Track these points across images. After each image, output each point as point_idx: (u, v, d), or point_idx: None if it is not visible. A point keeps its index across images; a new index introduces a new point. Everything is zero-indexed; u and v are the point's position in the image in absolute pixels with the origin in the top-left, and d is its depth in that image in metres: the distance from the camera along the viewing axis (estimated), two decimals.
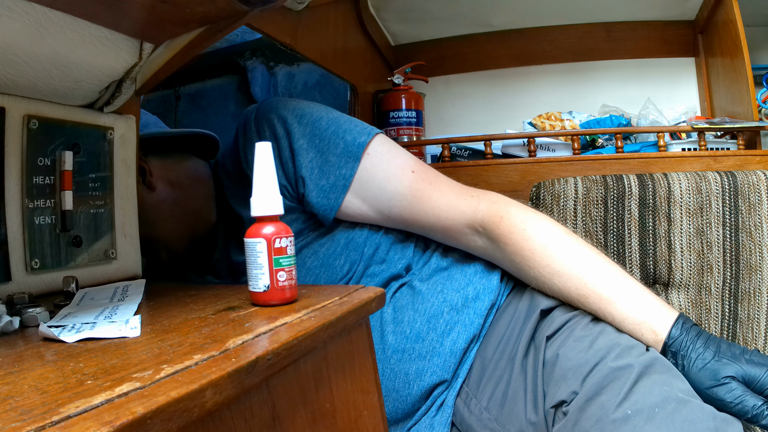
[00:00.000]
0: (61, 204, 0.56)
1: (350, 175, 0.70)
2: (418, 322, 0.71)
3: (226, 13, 0.52)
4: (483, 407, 0.65)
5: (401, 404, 0.69)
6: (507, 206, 0.69)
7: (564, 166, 1.25)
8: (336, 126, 0.72)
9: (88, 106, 0.62)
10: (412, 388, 0.68)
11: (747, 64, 1.21)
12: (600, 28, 1.58)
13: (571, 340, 0.60)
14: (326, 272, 0.73)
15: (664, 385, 0.53)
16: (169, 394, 0.25)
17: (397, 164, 0.73)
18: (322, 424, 0.40)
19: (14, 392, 0.26)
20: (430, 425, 0.68)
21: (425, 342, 0.69)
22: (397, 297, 0.74)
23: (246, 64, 1.73)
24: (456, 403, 0.68)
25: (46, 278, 0.55)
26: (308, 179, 0.70)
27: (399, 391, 0.69)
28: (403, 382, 0.69)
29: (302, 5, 1.01)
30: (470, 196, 0.72)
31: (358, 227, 0.75)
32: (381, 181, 0.71)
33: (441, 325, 0.70)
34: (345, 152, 0.71)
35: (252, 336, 0.35)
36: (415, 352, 0.69)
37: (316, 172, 0.70)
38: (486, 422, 0.64)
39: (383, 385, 0.68)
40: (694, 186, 1.06)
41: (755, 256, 1.03)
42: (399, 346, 0.70)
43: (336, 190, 0.70)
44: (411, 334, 0.70)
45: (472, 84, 1.68)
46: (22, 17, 0.47)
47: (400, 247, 0.77)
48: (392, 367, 0.69)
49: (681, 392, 0.53)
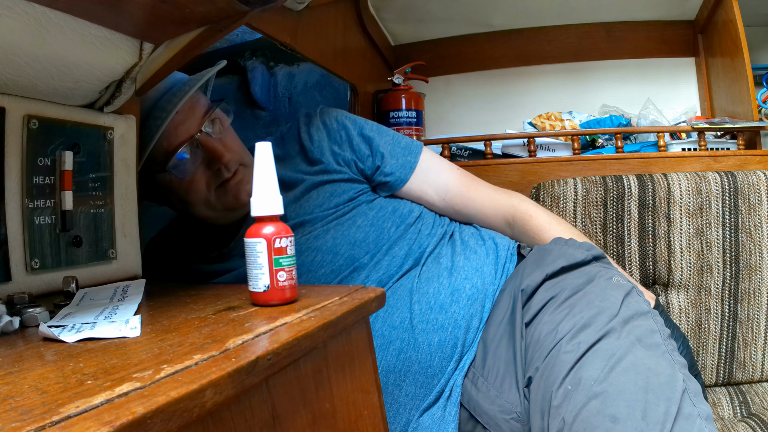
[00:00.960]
0: (61, 204, 0.56)
1: (415, 162, 0.90)
2: (443, 294, 0.77)
3: (226, 13, 0.52)
4: (490, 384, 0.70)
5: (422, 376, 0.72)
6: (534, 207, 0.91)
7: (564, 166, 1.25)
8: (393, 132, 0.93)
9: (88, 106, 0.62)
10: (434, 359, 0.73)
11: (747, 64, 1.21)
12: (600, 28, 1.58)
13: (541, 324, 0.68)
14: (375, 231, 0.84)
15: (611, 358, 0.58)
16: (169, 394, 0.25)
17: (445, 164, 0.94)
18: (322, 424, 0.40)
19: (14, 392, 0.26)
20: (444, 407, 0.71)
21: (448, 314, 0.75)
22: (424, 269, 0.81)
23: (246, 64, 1.73)
24: (464, 383, 0.72)
25: (46, 278, 0.55)
26: (387, 155, 0.89)
27: (422, 362, 0.73)
28: (426, 353, 0.73)
29: (302, 5, 1.01)
30: (503, 192, 0.93)
31: (403, 201, 0.91)
32: (438, 171, 0.92)
33: (463, 299, 0.76)
34: (407, 147, 0.91)
35: (252, 336, 0.35)
36: (438, 323, 0.74)
37: (389, 151, 0.89)
38: (494, 399, 0.68)
39: (407, 357, 0.73)
40: (694, 186, 1.06)
41: (755, 257, 1.03)
42: (424, 316, 0.75)
43: (405, 168, 0.90)
44: (435, 305, 0.76)
45: (472, 84, 1.68)
46: (22, 17, 0.47)
47: (432, 224, 0.89)
48: (416, 338, 0.74)
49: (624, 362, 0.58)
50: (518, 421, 0.66)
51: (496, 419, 0.67)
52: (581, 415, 0.53)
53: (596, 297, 0.68)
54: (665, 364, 0.58)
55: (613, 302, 0.66)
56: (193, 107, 0.77)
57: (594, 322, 0.63)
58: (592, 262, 0.76)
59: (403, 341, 0.73)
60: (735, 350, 1.03)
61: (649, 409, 0.52)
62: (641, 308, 0.67)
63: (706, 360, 1.04)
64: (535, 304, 0.71)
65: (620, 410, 0.52)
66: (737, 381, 1.04)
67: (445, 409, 0.70)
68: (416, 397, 0.72)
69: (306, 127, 0.88)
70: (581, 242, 0.80)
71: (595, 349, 0.59)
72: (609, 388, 0.55)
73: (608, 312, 0.64)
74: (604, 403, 0.53)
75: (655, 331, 0.63)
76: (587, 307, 0.66)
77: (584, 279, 0.71)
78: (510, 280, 0.79)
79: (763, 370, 1.02)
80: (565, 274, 0.73)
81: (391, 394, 0.72)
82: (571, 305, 0.67)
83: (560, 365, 0.59)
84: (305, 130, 0.88)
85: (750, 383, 1.04)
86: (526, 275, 0.75)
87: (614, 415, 0.52)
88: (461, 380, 0.72)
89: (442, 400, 0.71)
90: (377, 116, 1.51)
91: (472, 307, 0.76)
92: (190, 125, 0.76)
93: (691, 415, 0.53)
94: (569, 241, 0.80)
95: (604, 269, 0.75)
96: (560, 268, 0.73)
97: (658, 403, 0.53)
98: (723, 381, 1.04)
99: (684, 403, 0.53)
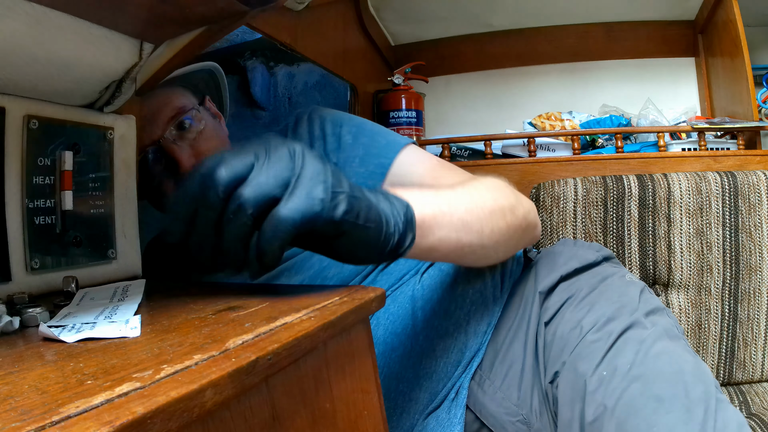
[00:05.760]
0: (61, 204, 0.56)
1: (388, 164, 0.78)
2: (446, 299, 0.75)
3: (226, 13, 0.52)
4: (497, 387, 0.69)
5: (426, 381, 0.71)
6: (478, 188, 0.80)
7: (564, 166, 1.25)
8: (378, 128, 0.83)
9: (88, 106, 0.62)
10: (439, 365, 0.72)
11: (747, 64, 1.21)
12: (600, 28, 1.58)
13: (563, 322, 0.67)
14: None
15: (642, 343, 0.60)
16: (169, 394, 0.25)
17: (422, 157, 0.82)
18: (322, 424, 0.40)
19: (14, 392, 0.26)
20: (449, 409, 0.71)
21: (452, 319, 0.74)
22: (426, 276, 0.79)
23: (246, 64, 1.73)
24: (470, 386, 0.72)
25: (46, 278, 0.55)
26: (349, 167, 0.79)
27: (426, 368, 0.72)
28: (430, 359, 0.72)
29: (302, 5, 1.01)
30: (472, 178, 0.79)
31: None
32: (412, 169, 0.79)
33: (467, 304, 0.75)
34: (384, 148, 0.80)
35: (252, 336, 0.35)
36: (442, 329, 0.73)
37: (357, 161, 0.79)
38: (500, 401, 0.68)
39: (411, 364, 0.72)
40: (694, 186, 1.06)
41: (755, 257, 1.03)
42: (428, 322, 0.74)
43: (374, 177, 0.78)
44: (440, 311, 0.74)
45: (472, 84, 1.68)
46: (22, 17, 0.47)
47: None
48: (420, 344, 0.73)
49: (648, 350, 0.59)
50: (524, 423, 0.66)
51: (502, 421, 0.67)
52: (623, 399, 0.54)
53: (614, 293, 0.70)
54: (689, 355, 0.60)
55: (632, 297, 0.68)
56: (162, 109, 0.72)
57: (618, 316, 0.64)
58: (603, 263, 0.78)
59: (407, 348, 0.73)
60: (735, 350, 1.03)
61: (690, 389, 0.54)
62: (657, 304, 0.69)
63: (706, 360, 1.04)
64: (552, 305, 0.71)
65: (663, 390, 0.54)
66: (737, 381, 1.04)
67: (450, 411, 0.70)
68: (421, 401, 0.71)
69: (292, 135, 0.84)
70: (590, 243, 0.82)
71: (625, 338, 0.61)
72: (646, 371, 0.56)
73: (629, 307, 0.66)
74: (645, 385, 0.55)
75: (673, 326, 0.65)
76: (607, 303, 0.67)
77: (598, 278, 0.73)
78: (520, 283, 0.79)
79: (763, 370, 1.02)
80: (579, 275, 0.75)
81: (395, 401, 0.72)
82: (591, 302, 0.68)
83: (591, 355, 0.60)
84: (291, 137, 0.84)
85: (750, 383, 1.04)
86: (540, 278, 0.75)
87: (658, 395, 0.53)
88: (467, 382, 0.72)
89: (447, 402, 0.71)
90: (377, 116, 1.51)
91: (479, 310, 0.75)
92: (154, 129, 0.72)
93: (724, 399, 0.55)
94: (577, 242, 0.82)
95: (615, 268, 0.77)
96: (574, 270, 0.74)
97: (695, 384, 0.54)
98: (723, 381, 1.04)
99: (717, 388, 0.56)
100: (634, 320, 0.63)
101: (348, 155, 0.79)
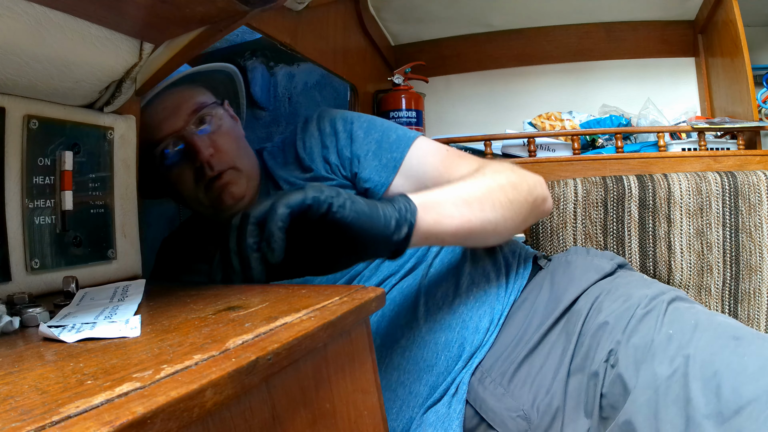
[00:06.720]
0: (61, 204, 0.56)
1: (401, 157, 0.82)
2: (451, 293, 0.77)
3: (226, 13, 0.52)
4: (498, 383, 0.70)
5: (426, 374, 0.72)
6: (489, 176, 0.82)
7: (564, 166, 1.25)
8: (389, 124, 0.88)
9: (88, 106, 0.62)
10: (440, 358, 0.73)
11: (747, 64, 1.21)
12: (600, 28, 1.58)
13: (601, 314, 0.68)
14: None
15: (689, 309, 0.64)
16: (169, 394, 0.25)
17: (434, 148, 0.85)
18: (322, 424, 0.40)
19: (14, 392, 0.26)
20: (449, 403, 0.71)
21: (456, 313, 0.75)
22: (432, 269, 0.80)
23: (246, 64, 1.73)
24: (470, 381, 0.72)
25: (46, 278, 0.55)
26: (364, 157, 0.83)
27: (427, 361, 0.73)
28: (432, 352, 0.73)
29: (302, 5, 1.01)
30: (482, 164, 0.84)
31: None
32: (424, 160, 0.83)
33: (471, 300, 0.77)
34: (396, 141, 0.84)
35: (252, 336, 0.35)
36: (445, 322, 0.75)
37: (372, 152, 0.83)
38: (500, 396, 0.69)
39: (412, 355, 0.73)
40: (694, 187, 1.06)
41: (755, 257, 1.03)
42: (431, 315, 0.75)
43: (388, 168, 0.82)
44: (443, 305, 0.76)
45: (472, 84, 1.68)
46: (22, 17, 0.47)
47: None
48: (422, 336, 0.74)
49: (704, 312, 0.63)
50: (524, 419, 0.66)
51: (502, 417, 0.68)
52: (701, 345, 0.56)
53: (644, 283, 0.74)
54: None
55: (662, 286, 0.72)
56: (183, 103, 0.78)
57: (659, 294, 0.68)
58: (618, 270, 0.80)
59: (409, 339, 0.74)
60: None
61: (759, 332, 0.58)
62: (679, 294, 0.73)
63: None
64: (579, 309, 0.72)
65: (739, 332, 0.57)
66: None
67: (450, 406, 0.71)
68: (421, 395, 0.72)
69: (302, 134, 0.88)
70: (603, 252, 0.84)
71: (675, 306, 0.65)
72: (711, 324, 0.59)
73: (664, 289, 0.70)
74: (716, 332, 0.58)
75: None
76: (643, 288, 0.70)
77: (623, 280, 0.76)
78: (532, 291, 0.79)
79: None
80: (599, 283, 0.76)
81: (395, 392, 0.72)
82: (626, 293, 0.70)
83: (648, 323, 0.63)
84: (300, 137, 0.87)
85: None
86: (560, 290, 0.76)
87: (735, 335, 0.56)
88: (468, 378, 0.72)
89: (447, 397, 0.71)
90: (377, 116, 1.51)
91: (482, 308, 0.76)
92: (175, 121, 0.77)
93: None
94: (590, 251, 0.83)
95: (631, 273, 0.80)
96: (594, 282, 0.76)
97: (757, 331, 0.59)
98: None
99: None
100: (677, 295, 0.68)
101: (360, 149, 0.83)
